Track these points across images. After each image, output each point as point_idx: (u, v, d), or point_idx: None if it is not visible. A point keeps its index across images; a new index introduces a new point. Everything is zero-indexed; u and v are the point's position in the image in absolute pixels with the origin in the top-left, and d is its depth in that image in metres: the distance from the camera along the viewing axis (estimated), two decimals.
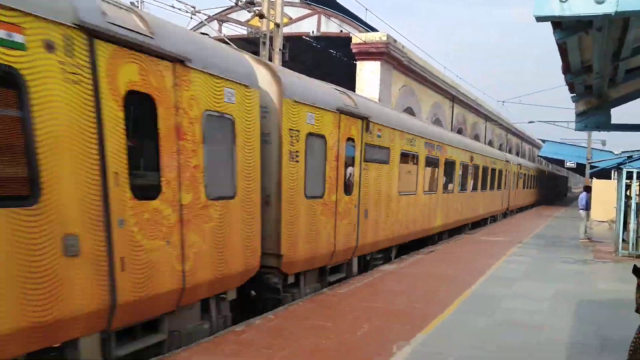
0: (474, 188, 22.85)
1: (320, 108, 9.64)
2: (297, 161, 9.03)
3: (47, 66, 4.83)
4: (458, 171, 19.93)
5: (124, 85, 5.66)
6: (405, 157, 14.20)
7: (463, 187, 20.93)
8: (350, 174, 11.01)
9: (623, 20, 4.27)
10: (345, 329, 7.52)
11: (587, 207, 20.78)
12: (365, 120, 11.32)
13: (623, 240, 16.09)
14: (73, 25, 5.06)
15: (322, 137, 9.81)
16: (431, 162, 16.53)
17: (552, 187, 63.26)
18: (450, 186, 19.11)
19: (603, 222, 24.43)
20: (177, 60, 6.39)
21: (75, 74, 5.11)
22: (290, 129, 8.84)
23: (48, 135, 4.84)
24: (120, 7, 6.04)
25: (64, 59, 4.99)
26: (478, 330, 7.71)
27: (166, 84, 6.25)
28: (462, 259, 14.57)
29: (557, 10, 3.15)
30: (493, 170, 26.30)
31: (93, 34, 5.26)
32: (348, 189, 10.89)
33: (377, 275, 11.53)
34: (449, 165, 18.73)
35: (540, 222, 28.73)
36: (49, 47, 4.86)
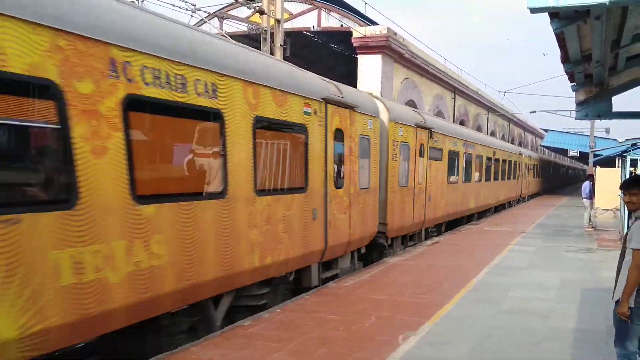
0: (496, 178, 26.70)
1: (406, 125, 13.81)
2: (395, 161, 13.14)
3: (313, 121, 9.16)
4: (485, 164, 23.99)
5: (333, 126, 9.91)
6: (451, 155, 18.38)
7: (488, 177, 24.84)
8: (422, 168, 15.13)
9: (622, 8, 4.30)
10: (353, 320, 7.60)
11: (591, 196, 20.77)
12: (429, 130, 15.60)
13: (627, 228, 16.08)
14: (321, 100, 9.44)
15: (407, 144, 13.94)
16: (467, 158, 20.69)
17: (560, 177, 64.39)
18: (479, 177, 23.07)
19: (607, 210, 24.41)
20: (351, 108, 10.63)
21: (321, 121, 9.45)
22: (393, 140, 12.96)
23: (313, 155, 9.20)
24: (329, 82, 10.23)
25: (319, 115, 9.36)
26: (484, 319, 7.78)
27: (348, 122, 10.50)
28: (466, 249, 14.63)
29: (551, 1, 3.17)
30: (510, 162, 30.31)
31: (326, 101, 9.62)
32: (421, 179, 15.08)
33: (382, 268, 11.61)
34: (478, 160, 22.79)
35: (544, 211, 28.75)
36: (315, 112, 9.22)
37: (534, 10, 3.29)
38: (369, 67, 22.62)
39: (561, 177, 69.26)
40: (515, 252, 14.01)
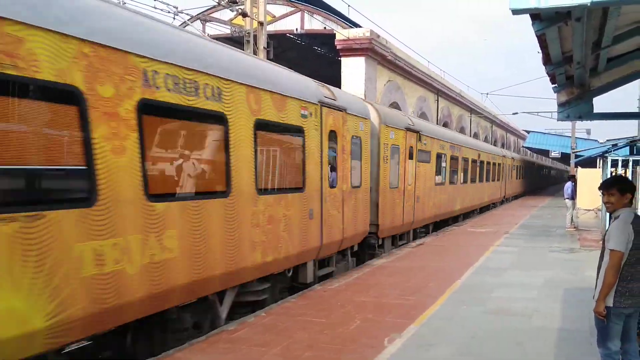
0: (480, 180, 27.29)
1: (396, 128, 14.30)
2: (386, 162, 13.58)
3: (310, 123, 9.58)
4: (470, 166, 24.48)
5: (327, 128, 10.31)
6: (439, 157, 18.87)
7: (473, 179, 25.41)
8: (411, 170, 15.55)
9: (602, 10, 4.33)
10: (338, 323, 7.57)
11: (573, 196, 20.98)
12: (418, 133, 16.09)
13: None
14: (316, 103, 9.88)
15: (398, 146, 14.46)
16: (453, 160, 21.21)
17: (542, 178, 65.17)
18: (465, 178, 23.59)
19: (589, 210, 24.68)
20: (344, 110, 11.07)
21: (316, 123, 9.85)
22: (384, 143, 13.39)
23: (310, 156, 9.60)
24: (323, 85, 10.64)
25: (315, 118, 9.76)
26: (469, 320, 7.80)
27: (341, 123, 10.93)
28: (451, 250, 14.69)
29: (533, 2, 3.18)
30: (494, 164, 30.97)
31: (321, 104, 10.05)
32: (410, 181, 15.53)
33: (367, 270, 11.61)
34: (464, 162, 23.21)
35: (526, 212, 28.99)
36: (311, 114, 9.57)
37: (515, 12, 3.30)
38: (353, 69, 22.64)
39: (543, 178, 69.97)
40: (500, 253, 14.10)
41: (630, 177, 16.16)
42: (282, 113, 8.72)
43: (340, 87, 19.20)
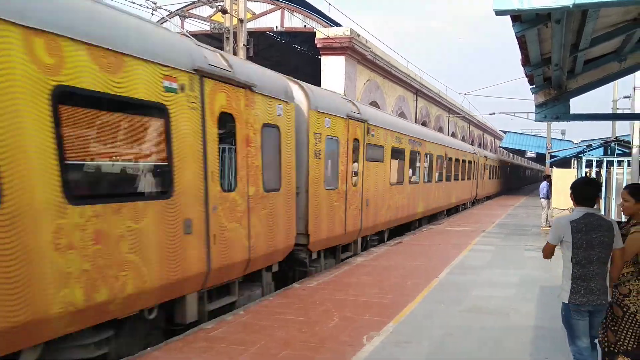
0: (448, 179, 24.76)
1: (333, 115, 11.49)
2: (319, 158, 10.90)
3: (179, 101, 6.76)
4: (435, 164, 21.89)
5: (216, 108, 7.53)
6: (395, 152, 16.17)
7: (439, 178, 22.86)
8: (356, 167, 12.96)
9: (581, 12, 4.40)
10: (317, 321, 7.57)
11: (548, 196, 21.28)
12: (365, 123, 13.34)
13: None
14: (192, 72, 6.97)
15: (336, 138, 11.70)
16: (413, 157, 18.44)
17: (518, 178, 65.73)
18: (428, 177, 21.01)
19: (564, 210, 25.04)
20: (247, 87, 8.24)
21: (193, 102, 7.03)
22: (314, 133, 10.68)
23: (180, 147, 6.78)
24: (209, 50, 7.85)
25: (189, 94, 6.94)
26: (447, 318, 7.86)
27: (242, 104, 8.17)
28: (428, 249, 14.79)
29: (516, 3, 3.21)
30: (464, 162, 28.48)
31: (202, 74, 7.17)
32: (355, 180, 12.95)
33: (345, 268, 11.62)
34: (427, 159, 20.55)
35: (502, 211, 29.33)
36: (182, 88, 6.80)
37: (499, 13, 3.33)
38: (333, 68, 22.66)
39: (519, 177, 70.85)
40: (476, 252, 14.23)
41: (604, 177, 16.47)
42: (116, 78, 5.79)
43: (320, 86, 19.17)
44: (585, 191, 4.91)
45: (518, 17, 4.28)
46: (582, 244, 4.74)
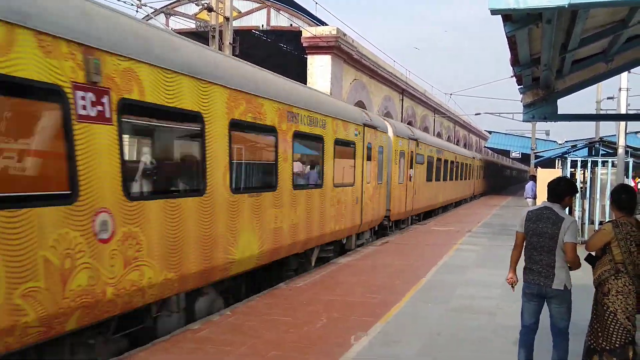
0: (457, 178, 32.25)
1: (403, 137, 18.89)
2: (396, 164, 17.93)
3: (360, 138, 14.06)
4: (450, 167, 29.33)
5: (367, 142, 14.56)
6: (429, 159, 23.71)
7: (452, 177, 30.33)
8: (411, 169, 20.12)
9: (572, 12, 4.40)
10: (305, 322, 7.53)
11: (534, 196, 21.46)
12: (417, 141, 21.04)
13: None
14: (362, 125, 14.10)
15: (403, 152, 18.93)
16: (438, 162, 25.85)
17: (503, 178, 67.48)
18: (446, 177, 28.11)
19: None
20: (376, 127, 15.47)
21: (361, 139, 14.06)
22: (395, 150, 17.74)
23: (359, 162, 14.20)
24: (363, 111, 15.51)
25: (360, 136, 14.01)
26: (434, 317, 7.87)
27: (374, 139, 15.28)
28: (415, 249, 14.82)
29: (512, 2, 3.20)
30: (465, 164, 35.82)
31: (364, 125, 14.29)
32: (411, 178, 20.10)
33: (333, 268, 11.60)
34: (445, 163, 27.96)
35: (488, 210, 29.52)
36: (358, 133, 13.84)
37: (494, 12, 3.31)
38: (319, 67, 22.59)
39: (505, 178, 71.45)
40: (463, 251, 14.29)
41: (589, 177, 16.61)
42: (345, 132, 13.42)
43: (306, 84, 19.13)
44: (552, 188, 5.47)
45: (509, 17, 4.27)
46: (529, 231, 5.41)
